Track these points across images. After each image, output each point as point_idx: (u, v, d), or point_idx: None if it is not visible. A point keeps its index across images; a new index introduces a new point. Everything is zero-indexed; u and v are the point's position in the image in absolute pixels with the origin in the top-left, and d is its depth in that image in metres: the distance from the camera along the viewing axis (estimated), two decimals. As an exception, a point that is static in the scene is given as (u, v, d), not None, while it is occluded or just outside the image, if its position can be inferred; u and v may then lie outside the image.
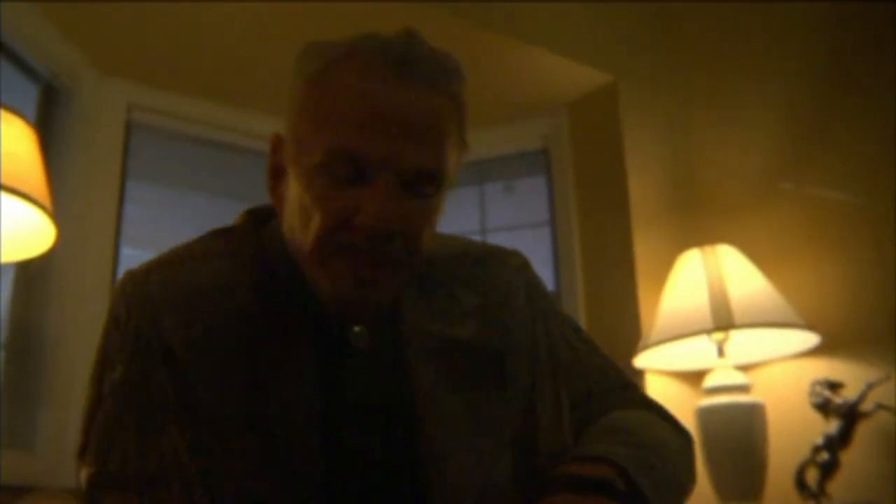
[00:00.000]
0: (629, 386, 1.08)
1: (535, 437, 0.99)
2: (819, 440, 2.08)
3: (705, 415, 2.14)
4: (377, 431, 0.93)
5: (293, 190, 0.92)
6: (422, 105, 0.88)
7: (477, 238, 1.39)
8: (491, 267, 1.06)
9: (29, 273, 2.08)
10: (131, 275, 0.96)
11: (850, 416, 2.05)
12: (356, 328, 0.95)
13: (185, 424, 0.88)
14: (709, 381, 2.21)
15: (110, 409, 0.90)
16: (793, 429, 2.19)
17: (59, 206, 1.74)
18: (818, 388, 2.11)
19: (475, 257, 1.07)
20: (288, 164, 0.93)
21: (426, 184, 0.89)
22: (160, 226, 2.41)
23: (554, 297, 1.32)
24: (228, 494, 0.86)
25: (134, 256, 2.27)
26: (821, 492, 2.06)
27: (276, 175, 0.96)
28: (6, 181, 1.55)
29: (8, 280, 2.07)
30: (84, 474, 0.90)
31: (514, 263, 1.09)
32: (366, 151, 0.86)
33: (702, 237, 2.39)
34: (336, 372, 0.93)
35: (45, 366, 2.06)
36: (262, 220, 1.02)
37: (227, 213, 1.03)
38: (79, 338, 2.08)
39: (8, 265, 1.99)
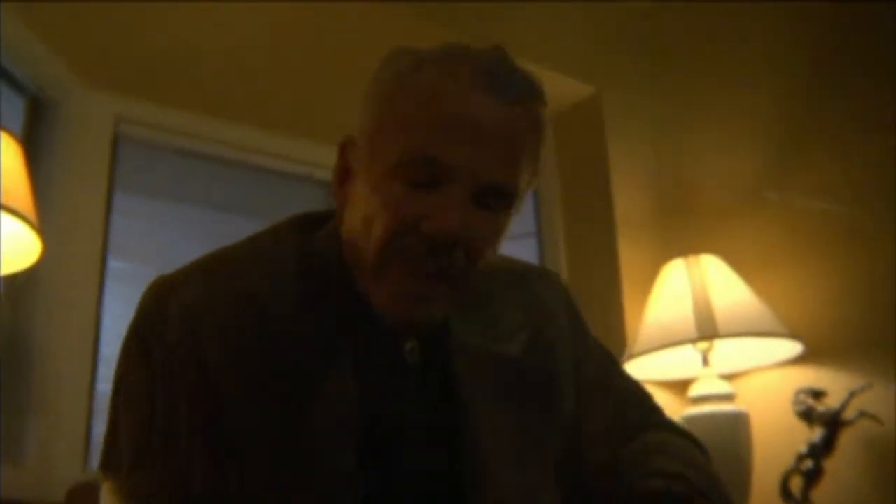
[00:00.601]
0: (657, 409, 1.10)
1: (579, 455, 0.99)
2: (803, 448, 2.09)
3: (690, 424, 2.14)
4: (421, 449, 0.90)
5: (360, 193, 0.88)
6: (505, 119, 0.86)
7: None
8: (534, 285, 1.05)
9: (16, 286, 2.08)
10: (165, 282, 0.90)
11: (834, 424, 2.06)
12: (408, 344, 0.92)
13: (216, 449, 0.84)
14: (694, 391, 2.23)
15: (139, 430, 0.86)
16: (777, 437, 2.20)
17: (46, 219, 1.75)
18: (802, 397, 2.13)
19: (518, 274, 1.05)
20: (358, 166, 0.90)
21: (497, 198, 0.87)
22: (148, 238, 2.41)
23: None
24: None
25: (121, 269, 2.27)
26: (805, 500, 2.07)
27: (343, 178, 0.93)
28: (-7, 195, 1.56)
29: (-6, 293, 2.06)
30: (109, 489, 0.87)
31: (555, 283, 1.09)
32: (444, 157, 0.83)
33: (686, 247, 2.40)
34: (383, 388, 0.90)
35: (32, 379, 2.05)
36: (307, 226, 0.97)
37: (215, 225, 1.02)
38: (67, 351, 2.08)
39: (-6, 278, 1.98)
